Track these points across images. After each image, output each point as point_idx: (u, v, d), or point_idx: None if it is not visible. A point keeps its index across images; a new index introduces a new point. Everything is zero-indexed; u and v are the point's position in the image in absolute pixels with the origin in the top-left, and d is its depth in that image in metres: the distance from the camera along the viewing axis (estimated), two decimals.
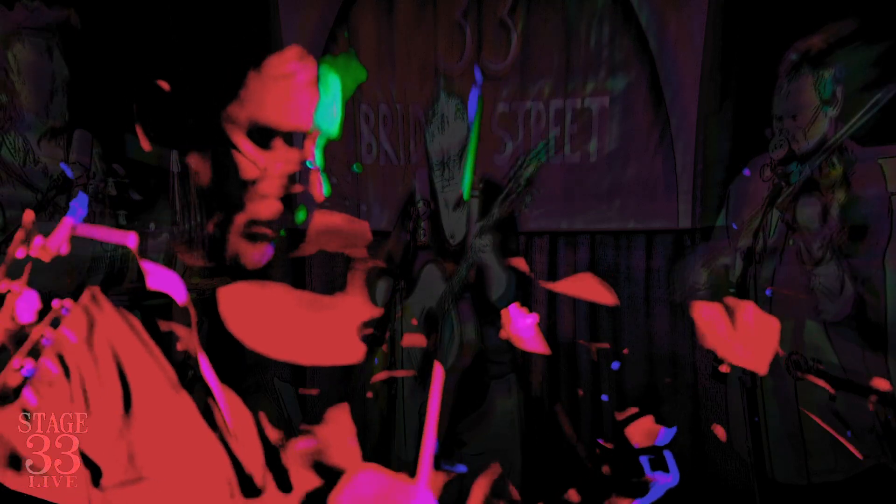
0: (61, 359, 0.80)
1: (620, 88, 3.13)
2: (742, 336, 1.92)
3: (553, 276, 3.30)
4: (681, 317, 3.09)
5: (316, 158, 1.04)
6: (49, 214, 2.59)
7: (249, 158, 0.96)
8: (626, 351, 3.18)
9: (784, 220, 2.23)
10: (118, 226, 2.65)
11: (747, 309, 1.95)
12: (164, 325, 1.01)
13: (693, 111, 3.02)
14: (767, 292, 2.28)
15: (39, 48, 2.67)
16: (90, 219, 2.71)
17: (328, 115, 1.05)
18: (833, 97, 2.21)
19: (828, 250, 2.13)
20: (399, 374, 2.43)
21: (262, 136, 0.96)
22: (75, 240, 2.62)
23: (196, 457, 0.88)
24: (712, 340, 1.98)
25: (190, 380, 0.98)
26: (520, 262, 2.54)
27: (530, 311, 2.51)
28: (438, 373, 2.23)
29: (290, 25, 3.43)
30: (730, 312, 1.92)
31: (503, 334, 2.50)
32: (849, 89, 2.20)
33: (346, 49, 3.40)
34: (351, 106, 3.47)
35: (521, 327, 2.48)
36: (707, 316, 1.92)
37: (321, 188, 1.01)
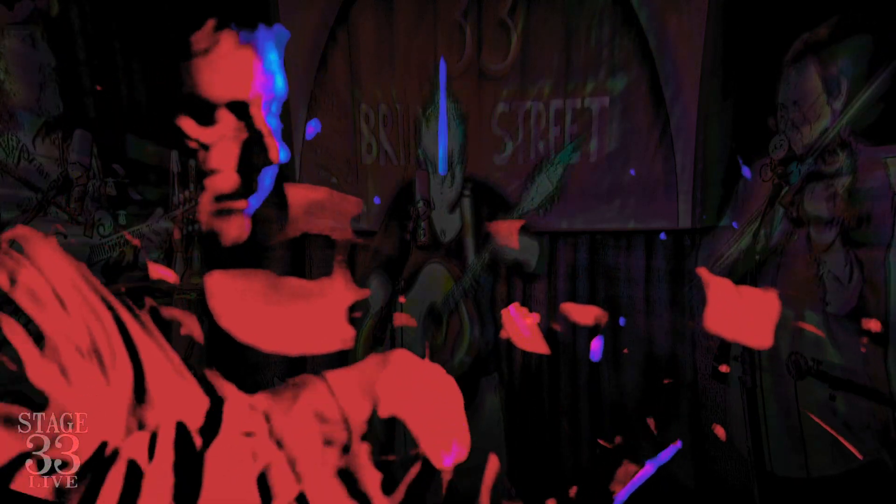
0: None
1: (620, 88, 3.12)
2: (745, 310, 1.91)
3: (553, 276, 3.30)
4: (680, 316, 3.10)
5: (268, 121, 1.05)
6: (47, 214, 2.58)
7: (192, 136, 0.97)
8: (625, 351, 3.18)
9: (789, 217, 2.23)
10: (118, 225, 2.64)
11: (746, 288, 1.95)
12: (167, 312, 1.01)
13: (693, 111, 3.02)
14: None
15: (24, 40, 2.64)
16: (87, 217, 2.70)
17: (269, 77, 1.06)
18: (837, 89, 2.20)
19: (837, 236, 2.13)
20: None
21: (206, 111, 0.97)
22: (71, 228, 2.61)
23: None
24: (718, 317, 1.95)
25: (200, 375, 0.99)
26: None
27: (530, 311, 2.50)
28: None
29: (290, 25, 3.42)
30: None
31: (503, 334, 2.50)
32: (852, 81, 2.19)
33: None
34: (351, 106, 3.47)
35: (521, 327, 2.48)
36: (717, 289, 1.90)
37: (277, 151, 1.02)
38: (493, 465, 1.35)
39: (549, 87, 3.21)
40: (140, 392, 0.82)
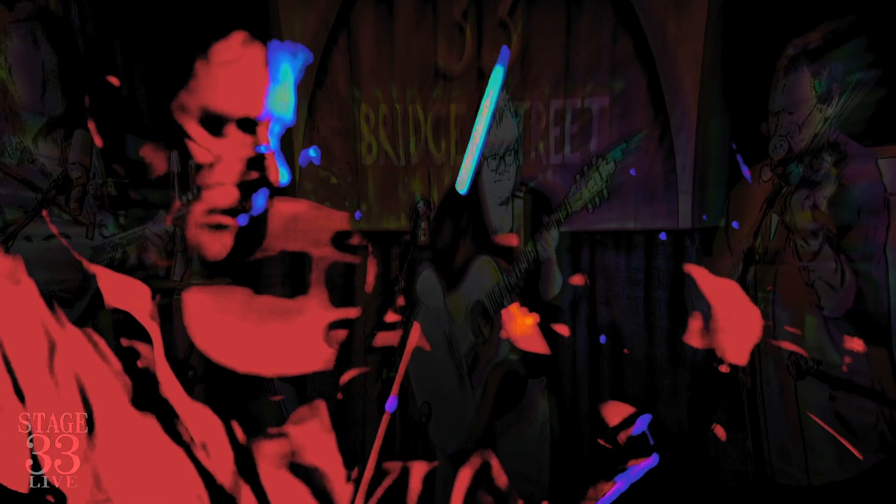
0: (16, 384, 0.79)
1: (620, 88, 3.13)
2: (728, 325, 1.92)
3: None
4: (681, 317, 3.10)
5: (271, 143, 1.04)
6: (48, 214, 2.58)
7: (202, 146, 0.97)
8: (626, 351, 3.17)
9: (783, 221, 2.23)
10: (118, 226, 2.64)
11: (734, 292, 1.96)
12: (125, 342, 1.00)
13: (693, 111, 3.02)
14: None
15: (25, 38, 2.62)
16: (90, 218, 2.70)
17: (280, 100, 1.05)
18: (828, 94, 2.20)
19: (824, 244, 2.12)
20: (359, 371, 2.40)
21: (215, 123, 0.97)
22: (74, 230, 2.61)
23: (163, 474, 0.87)
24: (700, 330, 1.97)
25: (190, 380, 0.98)
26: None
27: (530, 311, 2.50)
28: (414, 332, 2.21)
29: (290, 25, 3.43)
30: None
31: (503, 334, 2.49)
32: (844, 87, 2.19)
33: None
34: (351, 106, 3.47)
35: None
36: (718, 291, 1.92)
37: (278, 173, 1.02)
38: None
39: (549, 87, 3.21)
40: (91, 434, 0.82)
